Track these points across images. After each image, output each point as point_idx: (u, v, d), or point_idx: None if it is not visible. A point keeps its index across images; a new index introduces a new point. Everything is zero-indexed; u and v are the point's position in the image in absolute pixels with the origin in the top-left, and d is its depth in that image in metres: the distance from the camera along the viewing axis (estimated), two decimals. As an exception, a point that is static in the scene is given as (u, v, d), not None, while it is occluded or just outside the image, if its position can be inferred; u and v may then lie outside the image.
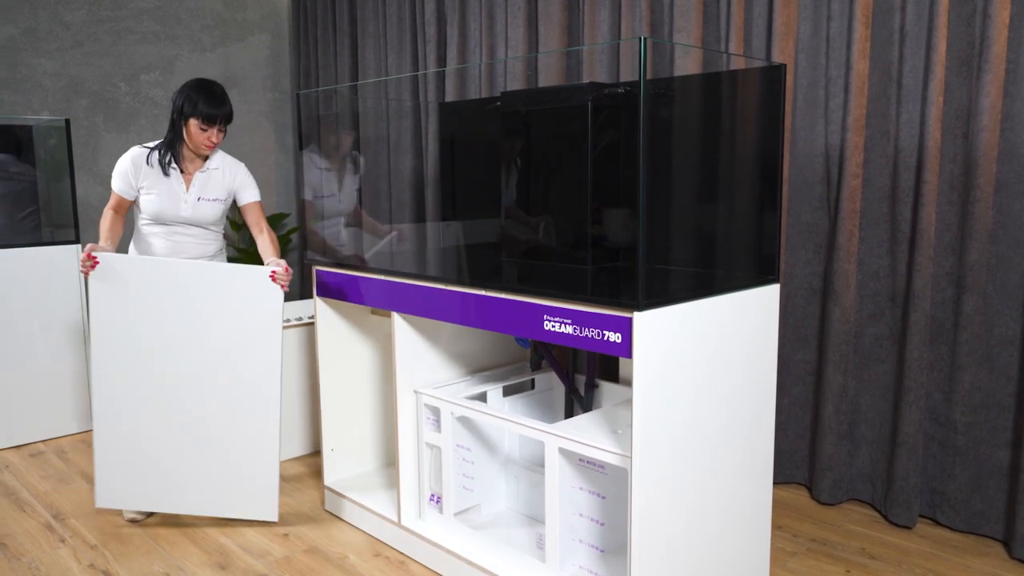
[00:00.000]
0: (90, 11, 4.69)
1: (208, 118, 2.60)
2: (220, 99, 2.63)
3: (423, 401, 2.47)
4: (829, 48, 2.75)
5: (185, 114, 2.61)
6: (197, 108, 2.59)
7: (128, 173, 2.69)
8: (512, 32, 3.71)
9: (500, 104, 2.60)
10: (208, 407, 2.62)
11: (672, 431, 1.88)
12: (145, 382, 2.61)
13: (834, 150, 2.76)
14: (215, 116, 2.61)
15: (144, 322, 2.57)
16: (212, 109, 2.60)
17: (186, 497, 2.67)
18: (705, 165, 2.29)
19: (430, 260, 3.07)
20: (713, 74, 2.82)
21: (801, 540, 2.59)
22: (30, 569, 2.46)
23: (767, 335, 2.14)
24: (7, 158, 3.79)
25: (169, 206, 2.72)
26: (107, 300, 2.55)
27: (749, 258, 2.24)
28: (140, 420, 2.63)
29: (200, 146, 2.66)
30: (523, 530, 2.46)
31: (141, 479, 2.66)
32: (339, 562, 2.48)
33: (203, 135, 2.63)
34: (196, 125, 2.61)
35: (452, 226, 3.30)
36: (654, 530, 1.88)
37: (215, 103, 2.61)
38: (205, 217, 2.78)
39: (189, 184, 2.73)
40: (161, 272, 2.55)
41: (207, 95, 2.61)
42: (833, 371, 2.78)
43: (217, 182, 2.77)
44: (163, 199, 2.71)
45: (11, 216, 3.77)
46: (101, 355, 2.59)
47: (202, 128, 2.62)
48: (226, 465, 2.64)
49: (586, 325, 1.85)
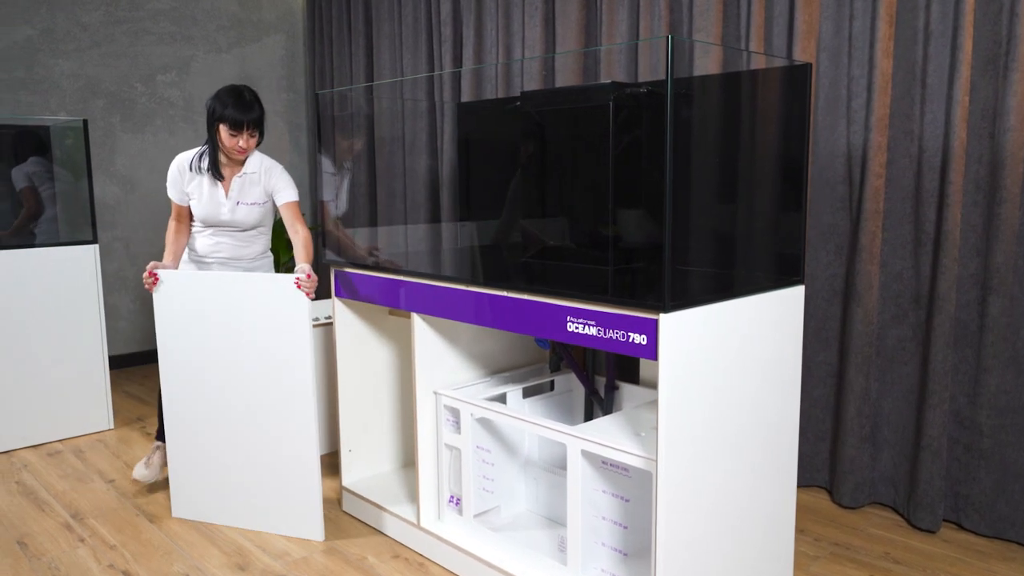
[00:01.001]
0: (107, 12, 4.70)
1: (235, 123, 2.60)
2: (248, 105, 2.62)
3: (442, 402, 2.46)
4: (851, 47, 2.72)
5: (215, 120, 2.63)
6: (225, 114, 2.60)
7: (177, 180, 2.76)
8: (529, 32, 3.70)
9: (520, 104, 2.59)
10: (252, 422, 2.62)
11: (697, 434, 1.86)
12: (202, 395, 2.67)
13: (856, 150, 2.73)
14: (241, 122, 2.61)
15: (197, 336, 2.64)
16: (238, 114, 2.59)
17: (241, 511, 2.71)
18: (729, 165, 2.27)
19: (450, 261, 3.06)
20: (737, 73, 2.80)
21: (823, 544, 2.56)
22: (50, 569, 2.46)
23: (792, 337, 2.12)
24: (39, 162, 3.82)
25: (212, 210, 2.76)
26: (168, 315, 2.65)
27: (774, 259, 2.22)
28: (200, 433, 2.70)
29: (231, 151, 2.66)
30: (543, 532, 2.44)
31: (207, 492, 2.74)
32: (358, 563, 2.47)
33: (232, 140, 2.63)
34: (225, 131, 2.62)
35: (470, 226, 3.28)
36: (679, 534, 1.86)
37: (242, 108, 2.60)
38: (244, 220, 2.80)
39: (228, 189, 2.75)
40: (207, 285, 2.58)
41: (235, 100, 2.60)
42: (855, 373, 2.75)
43: (255, 185, 2.77)
44: (205, 204, 2.76)
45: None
46: (167, 369, 2.70)
47: (231, 134, 2.62)
48: (272, 481, 2.64)
49: (610, 327, 1.84)
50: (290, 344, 2.52)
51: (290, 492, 2.62)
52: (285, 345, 2.52)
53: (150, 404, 4.19)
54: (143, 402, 4.23)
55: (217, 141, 2.67)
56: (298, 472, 2.58)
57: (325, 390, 3.41)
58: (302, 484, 2.59)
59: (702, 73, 3.00)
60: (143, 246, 5.00)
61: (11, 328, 3.49)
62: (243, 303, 2.56)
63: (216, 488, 2.73)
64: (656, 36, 3.20)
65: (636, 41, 3.20)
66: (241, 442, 2.65)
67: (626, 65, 3.34)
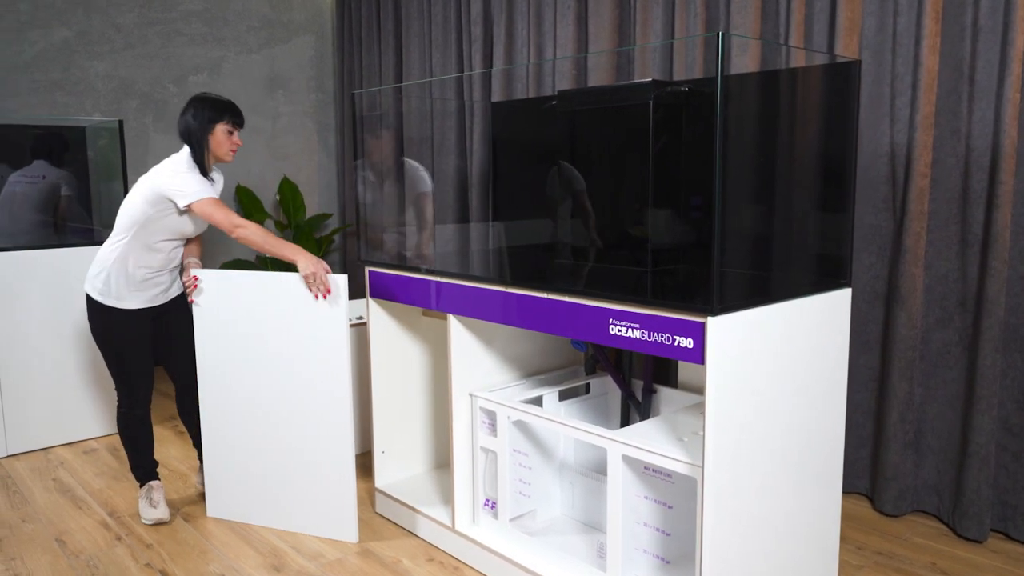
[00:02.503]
0: (141, 13, 4.74)
1: (236, 122, 2.62)
2: (234, 104, 2.66)
3: (478, 404, 2.44)
4: (896, 44, 2.66)
5: (213, 121, 2.57)
6: (224, 114, 2.59)
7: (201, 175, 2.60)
8: (561, 31, 3.67)
9: (557, 103, 2.56)
10: (289, 422, 2.62)
11: (744, 440, 1.82)
12: (239, 396, 2.68)
13: (900, 149, 2.67)
14: (241, 119, 2.64)
15: (234, 336, 2.64)
16: (236, 114, 2.63)
17: (276, 511, 2.71)
18: (774, 165, 2.22)
19: (484, 262, 3.04)
20: (782, 71, 2.74)
21: (866, 553, 2.50)
22: (88, 567, 2.47)
23: (838, 341, 2.07)
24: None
25: (201, 220, 2.66)
26: (206, 317, 2.66)
27: (820, 262, 2.17)
28: (238, 433, 2.70)
29: (227, 153, 2.63)
30: (580, 537, 2.41)
31: (243, 492, 2.74)
32: (393, 566, 2.46)
33: (230, 140, 2.62)
34: (224, 131, 2.59)
35: (504, 227, 3.26)
36: (724, 541, 1.82)
37: (235, 108, 2.63)
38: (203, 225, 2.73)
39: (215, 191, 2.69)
40: (245, 286, 2.59)
41: (222, 103, 2.61)
42: (898, 378, 2.69)
43: (219, 188, 2.77)
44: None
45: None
46: (205, 370, 2.69)
47: (229, 132, 2.61)
48: (307, 481, 2.64)
49: (655, 330, 1.80)
50: (327, 343, 2.51)
51: (325, 493, 2.61)
52: (322, 344, 2.52)
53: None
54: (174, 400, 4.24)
55: (207, 145, 2.59)
56: (333, 473, 2.57)
57: (357, 391, 3.40)
58: (337, 486, 2.58)
59: (739, 71, 2.95)
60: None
61: (46, 326, 3.52)
62: (281, 303, 2.55)
63: (251, 488, 2.73)
64: (700, 34, 3.15)
65: (687, 37, 3.14)
66: (277, 442, 2.65)
67: (661, 64, 3.30)
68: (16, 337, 3.44)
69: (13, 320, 3.43)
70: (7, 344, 3.42)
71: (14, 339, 3.44)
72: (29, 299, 3.46)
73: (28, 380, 3.49)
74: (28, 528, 2.75)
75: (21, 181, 3.76)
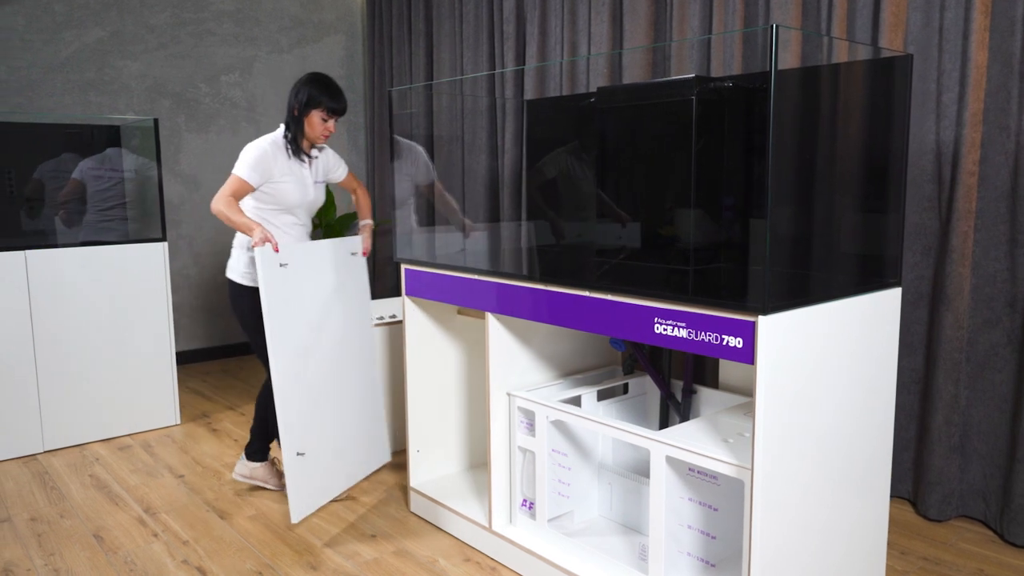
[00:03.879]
0: (173, 13, 4.78)
1: (331, 110, 2.72)
2: (340, 93, 2.75)
3: (516, 404, 2.42)
4: (942, 39, 2.60)
5: (311, 106, 2.70)
6: (321, 101, 2.69)
7: (267, 162, 2.67)
8: (596, 28, 3.64)
9: (596, 100, 2.53)
10: (341, 379, 2.79)
11: (793, 442, 1.79)
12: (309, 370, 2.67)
13: (947, 147, 2.61)
14: (338, 108, 2.73)
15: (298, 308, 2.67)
16: (334, 103, 2.72)
17: (344, 474, 2.83)
18: (822, 162, 2.18)
19: (522, 260, 3.01)
20: (831, 67, 2.69)
21: (911, 558, 2.45)
22: (126, 563, 2.48)
23: (888, 341, 2.02)
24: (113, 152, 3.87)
25: (302, 191, 2.79)
26: (275, 290, 2.53)
27: (870, 260, 2.12)
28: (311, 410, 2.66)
29: (318, 137, 2.76)
30: (619, 539, 2.38)
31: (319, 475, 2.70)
32: (429, 566, 2.44)
33: (323, 126, 2.73)
34: (319, 117, 2.71)
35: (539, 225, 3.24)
36: (772, 545, 1.78)
37: (337, 97, 2.73)
38: (320, 199, 2.90)
39: (312, 170, 2.84)
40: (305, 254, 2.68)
41: (329, 89, 2.72)
42: (944, 380, 2.63)
43: (323, 165, 2.89)
44: (297, 185, 2.76)
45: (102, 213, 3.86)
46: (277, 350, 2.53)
47: (324, 119, 2.72)
48: (359, 428, 2.87)
49: (703, 329, 1.77)
50: (358, 296, 2.81)
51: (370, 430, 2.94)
52: (355, 298, 2.80)
53: (214, 400, 4.24)
54: (207, 398, 4.28)
55: (304, 126, 2.73)
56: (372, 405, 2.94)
57: (390, 390, 3.39)
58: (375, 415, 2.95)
59: (781, 67, 2.90)
60: (206, 245, 5.07)
61: (83, 324, 3.55)
62: (327, 267, 2.74)
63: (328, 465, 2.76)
64: (752, 28, 3.11)
65: (736, 31, 3.09)
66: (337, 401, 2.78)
67: (698, 61, 3.26)
68: (53, 334, 3.47)
69: (51, 317, 3.46)
70: (45, 341, 3.45)
71: (52, 336, 3.47)
72: (65, 296, 3.50)
73: (64, 377, 3.52)
74: (66, 524, 2.77)
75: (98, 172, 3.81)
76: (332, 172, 2.93)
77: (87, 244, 3.56)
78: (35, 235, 3.65)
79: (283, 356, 2.53)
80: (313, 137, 2.76)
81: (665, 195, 2.36)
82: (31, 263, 3.40)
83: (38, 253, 3.41)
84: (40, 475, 3.22)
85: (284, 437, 2.52)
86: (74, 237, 3.73)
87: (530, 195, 3.35)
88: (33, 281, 3.41)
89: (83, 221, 3.79)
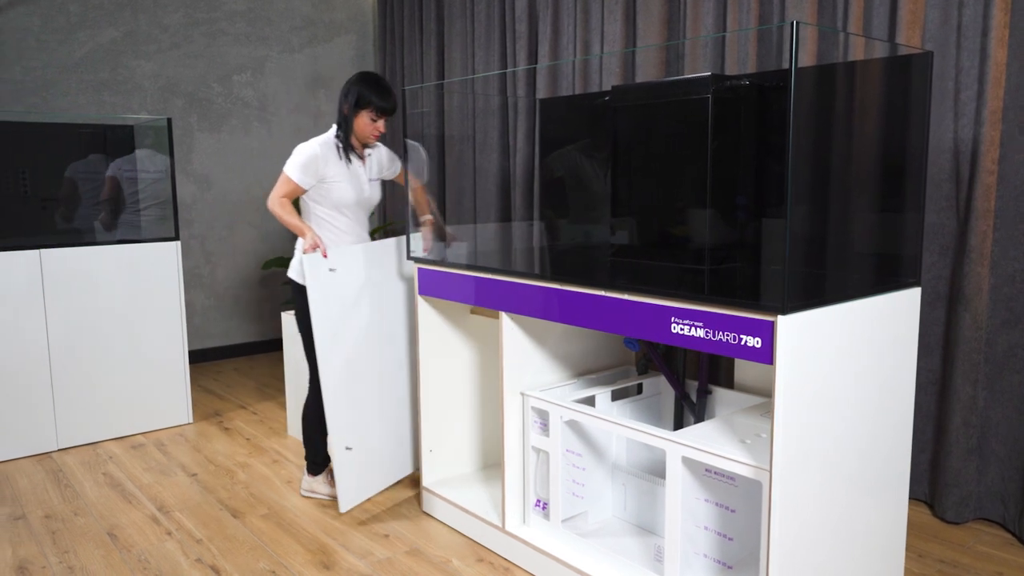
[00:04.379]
0: (186, 13, 4.79)
1: (380, 110, 2.73)
2: (390, 93, 2.76)
3: (530, 404, 2.41)
4: (961, 37, 2.58)
5: (358, 107, 2.72)
6: (371, 101, 2.71)
7: (317, 163, 2.71)
8: (609, 27, 3.62)
9: (611, 98, 2.52)
10: (383, 382, 2.89)
11: (812, 443, 1.77)
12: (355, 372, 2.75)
13: (965, 145, 2.59)
14: (385, 108, 2.73)
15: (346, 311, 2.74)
16: (384, 103, 2.73)
17: (384, 472, 2.92)
18: (840, 160, 2.16)
19: (535, 260, 3.00)
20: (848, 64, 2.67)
21: (929, 561, 2.42)
22: (140, 562, 2.49)
23: (907, 342, 2.00)
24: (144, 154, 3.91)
25: (355, 189, 2.81)
26: (323, 294, 2.64)
27: (888, 260, 2.10)
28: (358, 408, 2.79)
29: (368, 137, 2.78)
30: (633, 540, 2.37)
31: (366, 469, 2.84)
32: (442, 566, 2.44)
33: (372, 126, 2.75)
34: (368, 116, 2.73)
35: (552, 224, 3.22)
36: (791, 546, 1.76)
37: (385, 96, 2.73)
38: (376, 196, 2.92)
39: (366, 168, 2.86)
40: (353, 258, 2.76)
41: (379, 89, 2.73)
42: (962, 381, 2.60)
43: (376, 163, 2.92)
44: (351, 185, 2.79)
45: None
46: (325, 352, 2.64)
47: (372, 119, 2.74)
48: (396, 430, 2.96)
49: (721, 329, 1.75)
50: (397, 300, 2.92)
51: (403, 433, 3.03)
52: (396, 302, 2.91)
53: (225, 399, 4.25)
54: (219, 397, 4.29)
55: (353, 125, 2.76)
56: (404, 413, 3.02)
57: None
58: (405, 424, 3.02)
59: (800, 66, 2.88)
60: (217, 244, 5.08)
61: (96, 323, 3.56)
62: (376, 270, 2.80)
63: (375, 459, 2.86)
64: (771, 24, 3.09)
65: (756, 28, 3.06)
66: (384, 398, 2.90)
67: (712, 60, 3.24)
68: (67, 333, 3.49)
69: (65, 316, 3.47)
70: (59, 339, 3.46)
71: (66, 335, 3.48)
72: (80, 295, 3.51)
73: (78, 375, 3.53)
74: (80, 522, 2.78)
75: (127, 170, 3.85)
76: (387, 169, 2.95)
77: (101, 243, 3.57)
78: (56, 234, 3.67)
79: (331, 358, 2.66)
80: (363, 137, 2.78)
81: (680, 194, 2.35)
82: (46, 262, 3.41)
83: (53, 252, 3.43)
84: (54, 473, 3.24)
85: (333, 433, 2.67)
86: (112, 236, 3.76)
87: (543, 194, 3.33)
88: (48, 280, 3.42)
89: (118, 221, 3.82)
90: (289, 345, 3.56)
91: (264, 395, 4.32)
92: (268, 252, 5.25)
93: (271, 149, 5.19)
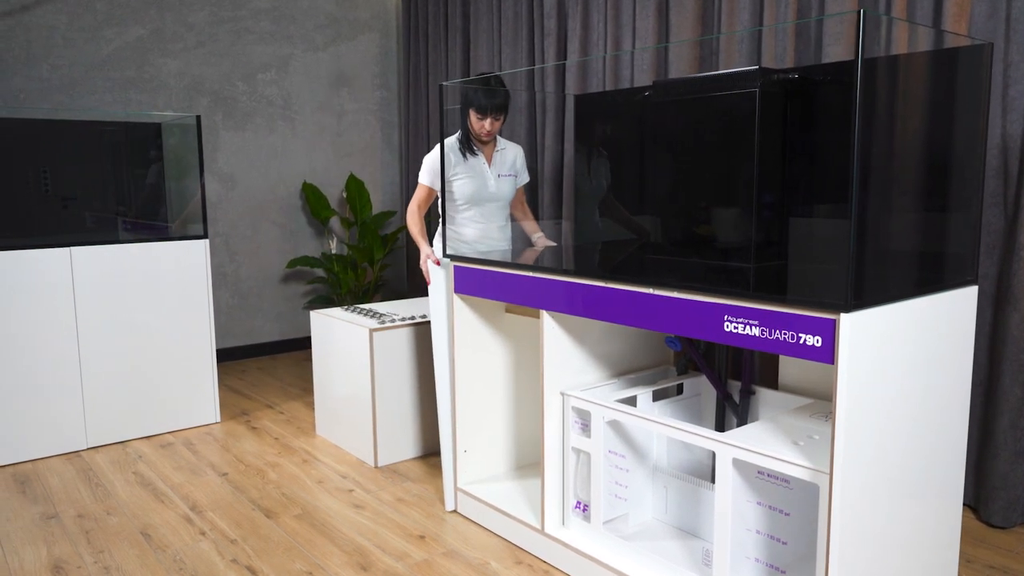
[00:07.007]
0: (211, 12, 4.78)
1: (480, 108, 2.80)
2: (491, 92, 2.82)
3: (570, 404, 2.37)
4: (1010, 30, 2.52)
5: (465, 107, 2.84)
6: (472, 101, 2.80)
7: (438, 163, 2.86)
8: (640, 23, 3.58)
9: (651, 94, 2.48)
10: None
11: (871, 445, 1.72)
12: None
13: (1014, 141, 2.53)
14: (485, 107, 2.80)
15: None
16: (482, 100, 2.80)
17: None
18: (895, 156, 2.11)
19: (574, 257, 2.96)
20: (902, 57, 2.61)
21: (977, 566, 2.37)
22: (175, 562, 2.47)
23: (964, 341, 1.95)
24: None
25: (479, 184, 2.90)
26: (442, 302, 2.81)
27: (947, 257, 2.05)
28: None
29: (478, 135, 2.86)
30: (676, 543, 2.32)
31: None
32: (481, 568, 2.40)
33: (479, 124, 2.83)
34: (474, 116, 2.82)
35: (588, 221, 3.18)
36: (850, 550, 1.72)
37: (486, 95, 2.80)
38: (505, 191, 2.97)
39: (490, 163, 2.94)
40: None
41: (475, 91, 2.81)
42: (1010, 383, 2.55)
43: (509, 159, 3.00)
44: (473, 180, 2.89)
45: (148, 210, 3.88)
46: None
47: (478, 117, 2.81)
48: None
49: (778, 327, 1.71)
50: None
51: None
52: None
53: (252, 399, 4.23)
54: (245, 396, 4.27)
55: (468, 124, 2.87)
56: None
57: (417, 391, 3.35)
58: None
59: (838, 59, 2.83)
60: (242, 242, 5.07)
61: (124, 321, 3.55)
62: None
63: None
64: (832, 14, 3.03)
65: (822, 17, 3.00)
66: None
67: (748, 55, 3.19)
68: (97, 331, 3.48)
69: (95, 314, 3.46)
70: (89, 338, 3.45)
71: (95, 333, 3.47)
72: (108, 294, 3.50)
73: (108, 373, 3.52)
74: (113, 521, 2.76)
75: None
76: (519, 172, 3.03)
77: (130, 241, 3.56)
78: (83, 232, 3.67)
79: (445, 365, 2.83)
80: (475, 135, 2.88)
81: (723, 190, 2.31)
82: (76, 260, 3.40)
83: (83, 250, 3.42)
84: (85, 472, 3.22)
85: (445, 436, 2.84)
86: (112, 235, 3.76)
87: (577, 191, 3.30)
88: (78, 278, 3.41)
89: None
90: (317, 344, 3.54)
91: (290, 395, 4.30)
92: (292, 251, 5.23)
93: (295, 147, 5.17)
